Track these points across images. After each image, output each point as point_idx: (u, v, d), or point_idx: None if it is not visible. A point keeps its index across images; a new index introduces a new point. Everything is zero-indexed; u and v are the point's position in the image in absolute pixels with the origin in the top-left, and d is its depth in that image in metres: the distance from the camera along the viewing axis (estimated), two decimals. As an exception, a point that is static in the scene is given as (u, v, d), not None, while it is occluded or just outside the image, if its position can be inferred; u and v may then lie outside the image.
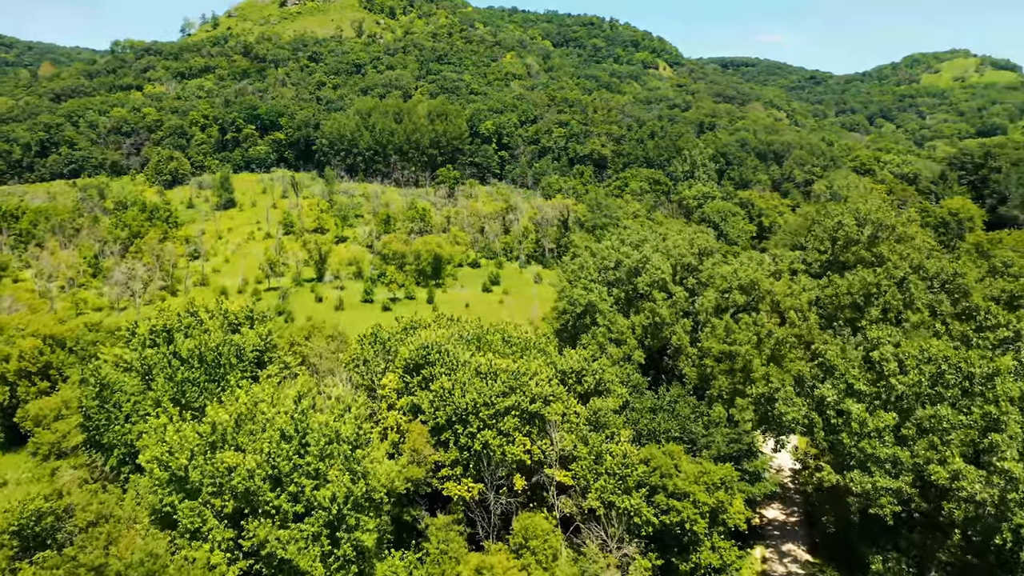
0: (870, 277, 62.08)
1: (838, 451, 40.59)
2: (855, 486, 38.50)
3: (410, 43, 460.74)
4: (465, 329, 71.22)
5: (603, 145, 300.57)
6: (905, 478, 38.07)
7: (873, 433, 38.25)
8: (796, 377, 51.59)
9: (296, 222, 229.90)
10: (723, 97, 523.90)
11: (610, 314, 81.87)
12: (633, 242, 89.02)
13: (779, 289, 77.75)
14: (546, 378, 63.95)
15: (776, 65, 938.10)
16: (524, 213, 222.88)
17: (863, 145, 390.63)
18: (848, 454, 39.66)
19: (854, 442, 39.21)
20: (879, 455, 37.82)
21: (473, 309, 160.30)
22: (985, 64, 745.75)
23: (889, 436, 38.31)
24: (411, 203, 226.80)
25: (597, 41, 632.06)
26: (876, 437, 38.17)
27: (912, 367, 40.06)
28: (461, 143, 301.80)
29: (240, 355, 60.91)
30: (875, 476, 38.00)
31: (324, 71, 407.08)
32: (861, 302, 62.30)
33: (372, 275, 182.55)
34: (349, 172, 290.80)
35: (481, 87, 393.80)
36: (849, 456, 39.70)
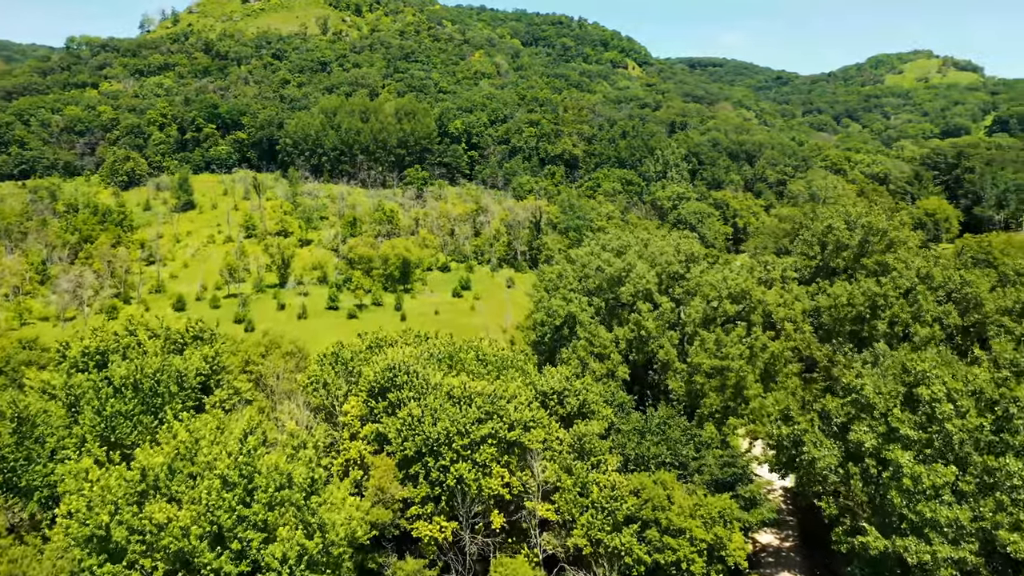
0: (876, 288, 57.35)
1: (883, 509, 35.51)
2: (910, 556, 33.27)
3: (377, 41, 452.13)
4: (436, 347, 65.10)
5: (574, 145, 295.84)
6: (969, 546, 33.03)
7: (929, 491, 33.08)
8: (821, 413, 46.37)
9: (258, 225, 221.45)
10: (692, 97, 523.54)
11: (591, 326, 76.32)
12: (614, 248, 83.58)
13: (771, 298, 72.84)
14: (525, 401, 58.15)
15: (743, 65, 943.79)
16: (495, 215, 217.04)
17: (832, 145, 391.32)
18: (899, 515, 34.38)
19: (906, 502, 33.89)
20: (939, 519, 32.46)
21: (443, 316, 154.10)
22: (947, 65, 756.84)
23: (948, 494, 33.18)
24: (378, 205, 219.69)
25: (566, 40, 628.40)
26: (934, 496, 32.99)
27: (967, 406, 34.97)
28: (430, 143, 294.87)
29: (182, 382, 54.12)
30: (934, 544, 32.72)
31: (288, 69, 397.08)
32: (867, 314, 57.54)
33: (337, 280, 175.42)
34: (314, 173, 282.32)
35: (450, 86, 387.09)
36: (900, 518, 34.40)
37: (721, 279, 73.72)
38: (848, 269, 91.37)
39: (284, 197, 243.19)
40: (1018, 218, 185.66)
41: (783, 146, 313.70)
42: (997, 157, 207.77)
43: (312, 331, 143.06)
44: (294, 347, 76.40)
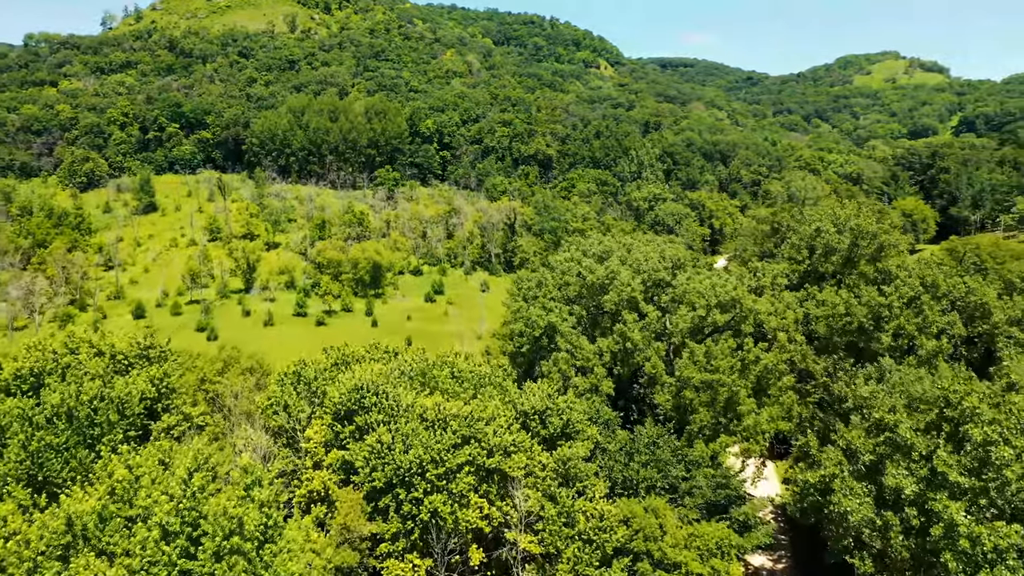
0: (879, 298, 53.68)
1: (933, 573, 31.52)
2: (973, 636, 29.65)
3: (346, 39, 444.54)
4: (407, 363, 60.20)
5: (548, 145, 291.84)
6: (1039, 622, 29.45)
7: (992, 554, 29.13)
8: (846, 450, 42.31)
9: (223, 228, 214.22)
10: (665, 97, 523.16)
11: (573, 337, 71.90)
12: (596, 254, 79.23)
13: (762, 307, 68.98)
14: (505, 423, 53.57)
15: (713, 65, 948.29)
16: (468, 216, 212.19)
17: (804, 145, 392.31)
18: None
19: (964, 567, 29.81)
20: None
21: (416, 322, 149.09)
22: (914, 66, 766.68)
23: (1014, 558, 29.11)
24: (348, 206, 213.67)
25: (538, 40, 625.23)
26: (997, 561, 29.04)
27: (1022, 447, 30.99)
28: (401, 143, 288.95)
29: (123, 409, 48.67)
30: (998, 619, 29.11)
31: (255, 67, 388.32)
32: (869, 326, 53.88)
33: (305, 285, 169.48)
34: (281, 173, 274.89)
35: (421, 85, 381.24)
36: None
37: (710, 287, 69.74)
38: (837, 274, 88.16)
39: (250, 199, 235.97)
40: (994, 218, 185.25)
41: (757, 146, 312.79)
42: (972, 157, 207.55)
43: (278, 339, 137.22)
44: (254, 362, 70.97)
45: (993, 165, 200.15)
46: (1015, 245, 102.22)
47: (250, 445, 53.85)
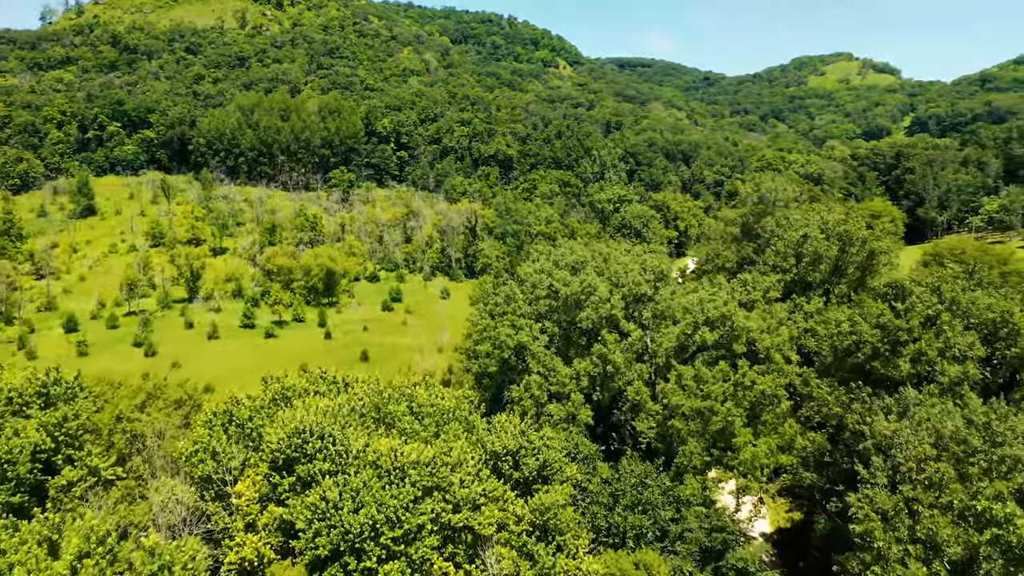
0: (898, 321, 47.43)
1: None
2: None
3: (299, 35, 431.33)
4: (358, 396, 52.09)
5: (508, 145, 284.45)
6: None
7: None
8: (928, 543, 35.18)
9: (167, 232, 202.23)
10: (624, 97, 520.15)
11: (546, 358, 64.63)
12: (569, 264, 72.04)
13: (754, 324, 62.47)
14: (473, 468, 46.03)
15: (671, 66, 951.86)
16: (427, 219, 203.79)
17: (764, 145, 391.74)
18: None
19: None
20: None
21: (372, 333, 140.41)
22: (867, 67, 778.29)
23: None
24: (300, 209, 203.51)
25: (496, 39, 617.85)
26: None
27: None
28: (356, 142, 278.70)
29: (5, 471, 39.82)
30: None
31: (203, 64, 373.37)
32: (885, 350, 47.69)
33: (254, 294, 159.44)
34: (230, 175, 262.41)
35: (377, 83, 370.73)
36: None
37: (697, 301, 63.08)
38: (825, 283, 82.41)
39: (196, 201, 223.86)
40: (961, 219, 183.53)
41: (718, 146, 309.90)
42: (936, 157, 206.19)
43: (223, 354, 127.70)
44: (183, 393, 61.96)
45: (957, 165, 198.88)
46: (999, 248, 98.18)
47: (172, 500, 45.31)
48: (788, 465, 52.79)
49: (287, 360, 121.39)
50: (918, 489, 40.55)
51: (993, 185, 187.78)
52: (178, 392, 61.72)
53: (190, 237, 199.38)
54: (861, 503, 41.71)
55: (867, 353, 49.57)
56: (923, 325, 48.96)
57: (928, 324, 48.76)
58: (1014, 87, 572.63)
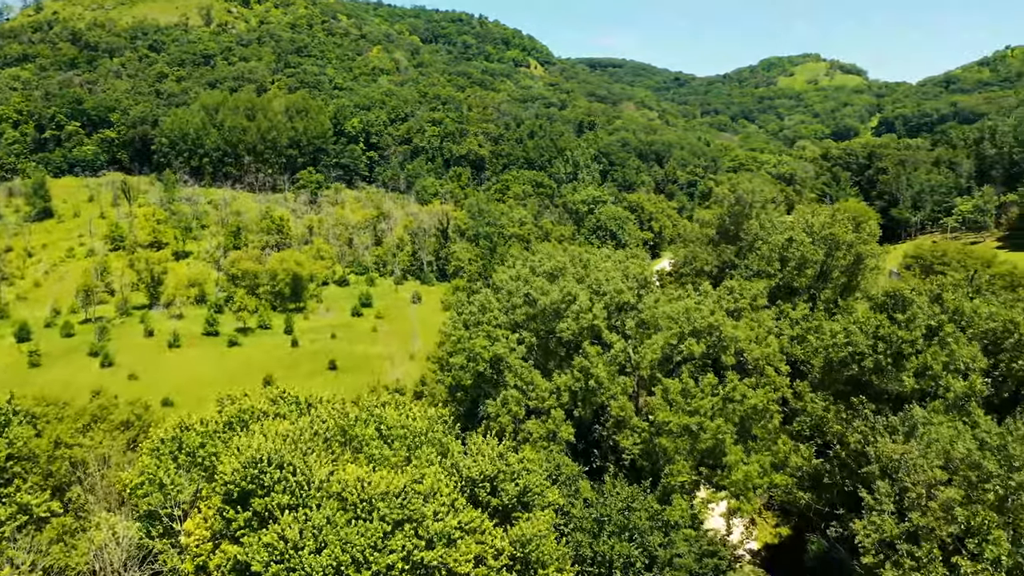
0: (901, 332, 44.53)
1: None
2: None
3: (266, 33, 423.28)
4: (322, 418, 47.91)
5: (480, 145, 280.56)
6: None
7: None
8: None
9: (127, 236, 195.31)
10: (596, 97, 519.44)
11: (524, 371, 61.01)
12: (547, 271, 68.41)
13: (742, 333, 59.40)
14: (448, 497, 42.17)
15: (641, 66, 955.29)
16: (398, 221, 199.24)
17: (736, 145, 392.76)
18: None
19: None
20: None
21: (341, 340, 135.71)
22: (834, 68, 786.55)
23: None
24: (266, 211, 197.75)
25: (467, 38, 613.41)
26: None
27: None
28: (324, 142, 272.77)
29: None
30: None
31: (167, 62, 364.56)
32: (887, 364, 44.79)
33: (218, 300, 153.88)
34: (194, 176, 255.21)
35: (346, 82, 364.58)
36: None
37: (682, 310, 59.83)
38: (810, 288, 79.82)
39: (158, 204, 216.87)
40: (935, 219, 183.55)
41: (691, 146, 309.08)
42: (908, 158, 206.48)
43: (184, 364, 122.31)
44: (132, 414, 57.25)
45: (929, 166, 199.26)
46: (981, 250, 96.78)
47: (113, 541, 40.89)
48: (784, 486, 49.67)
49: (251, 370, 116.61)
50: (928, 517, 37.60)
51: (965, 185, 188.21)
52: (126, 411, 56.92)
53: (152, 241, 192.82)
54: (868, 531, 38.64)
55: (868, 367, 46.57)
56: (925, 337, 46.15)
57: (930, 335, 45.97)
58: (978, 88, 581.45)
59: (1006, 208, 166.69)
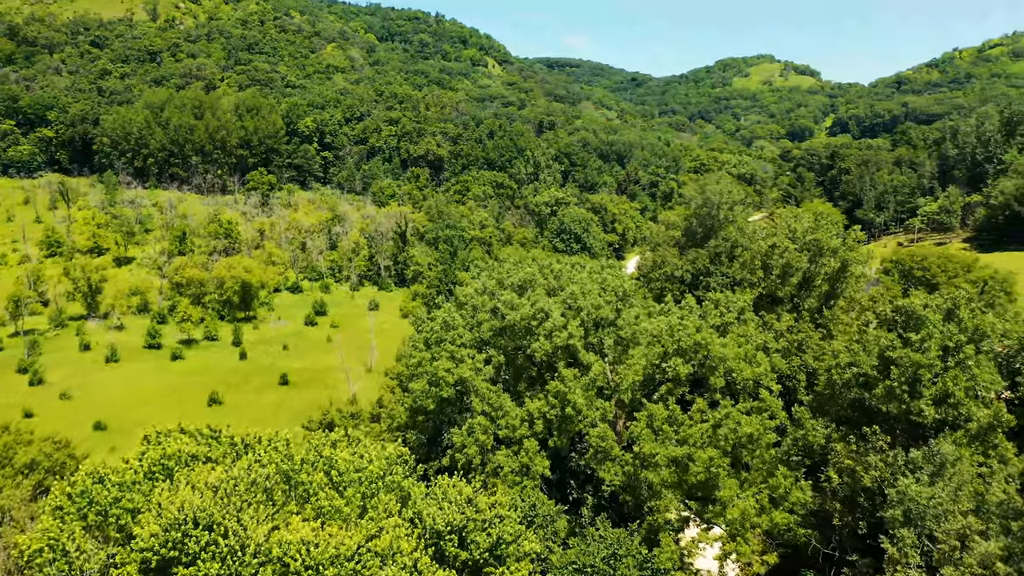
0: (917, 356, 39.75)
1: None
2: None
3: (215, 29, 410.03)
4: (262, 465, 41.28)
5: (439, 145, 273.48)
6: None
7: None
8: None
9: (65, 241, 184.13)
10: (555, 96, 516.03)
11: (492, 396, 55.19)
12: (515, 283, 62.59)
13: (731, 352, 54.28)
14: (410, 556, 36.04)
15: (598, 66, 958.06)
16: (354, 224, 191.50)
17: (696, 145, 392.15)
18: None
19: None
20: None
21: (293, 352, 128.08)
22: (788, 69, 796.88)
23: None
24: (214, 214, 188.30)
25: (424, 36, 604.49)
26: None
27: None
28: (276, 142, 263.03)
29: None
30: None
31: (110, 59, 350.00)
32: (901, 391, 40.01)
33: (161, 309, 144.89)
34: (138, 177, 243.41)
35: (299, 80, 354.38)
36: None
37: (667, 327, 54.50)
38: (794, 297, 75.36)
39: (99, 206, 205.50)
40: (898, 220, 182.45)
41: (652, 146, 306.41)
42: (871, 158, 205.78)
43: (122, 380, 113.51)
44: (41, 452, 49.63)
45: (891, 166, 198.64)
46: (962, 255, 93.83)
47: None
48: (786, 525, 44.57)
49: (195, 387, 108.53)
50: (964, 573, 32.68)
51: (928, 186, 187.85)
52: (34, 450, 49.21)
53: (92, 246, 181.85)
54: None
55: (879, 394, 41.71)
56: (940, 358, 41.49)
57: (944, 356, 41.32)
58: (928, 89, 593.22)
59: (972, 209, 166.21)
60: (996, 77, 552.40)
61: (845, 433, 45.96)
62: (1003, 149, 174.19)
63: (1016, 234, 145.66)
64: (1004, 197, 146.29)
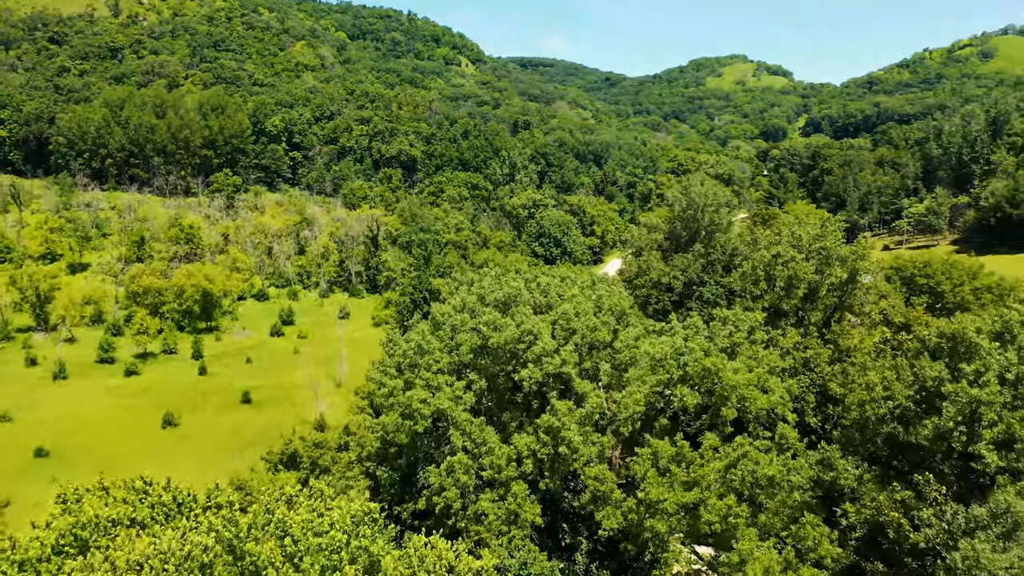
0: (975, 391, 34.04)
1: None
2: None
3: (180, 26, 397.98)
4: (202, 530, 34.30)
5: (412, 145, 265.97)
6: None
7: None
8: None
9: (14, 246, 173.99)
10: (529, 96, 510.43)
11: (474, 429, 48.63)
12: (498, 299, 55.98)
13: (742, 378, 48.12)
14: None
15: (572, 66, 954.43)
16: (323, 228, 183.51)
17: (672, 144, 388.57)
18: None
19: None
20: None
21: (257, 365, 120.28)
22: (761, 69, 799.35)
23: None
24: (175, 218, 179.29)
25: (396, 35, 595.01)
26: None
27: None
28: (243, 142, 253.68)
29: None
30: None
31: (69, 55, 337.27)
32: (959, 432, 34.23)
33: (116, 320, 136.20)
34: (96, 179, 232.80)
35: (267, 78, 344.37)
36: None
37: (670, 351, 48.27)
38: (799, 311, 69.64)
39: (53, 210, 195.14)
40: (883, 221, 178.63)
41: (630, 146, 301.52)
42: (853, 158, 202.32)
43: (71, 399, 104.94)
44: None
45: (874, 166, 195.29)
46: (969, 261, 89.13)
47: None
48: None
49: (149, 406, 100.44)
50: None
51: (912, 186, 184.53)
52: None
53: (44, 252, 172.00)
54: None
55: (927, 435, 35.87)
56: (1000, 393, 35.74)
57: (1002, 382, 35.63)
58: (899, 89, 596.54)
59: (959, 210, 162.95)
60: (966, 78, 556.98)
61: (880, 475, 40.13)
62: (990, 149, 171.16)
63: (1008, 236, 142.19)
64: (995, 198, 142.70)
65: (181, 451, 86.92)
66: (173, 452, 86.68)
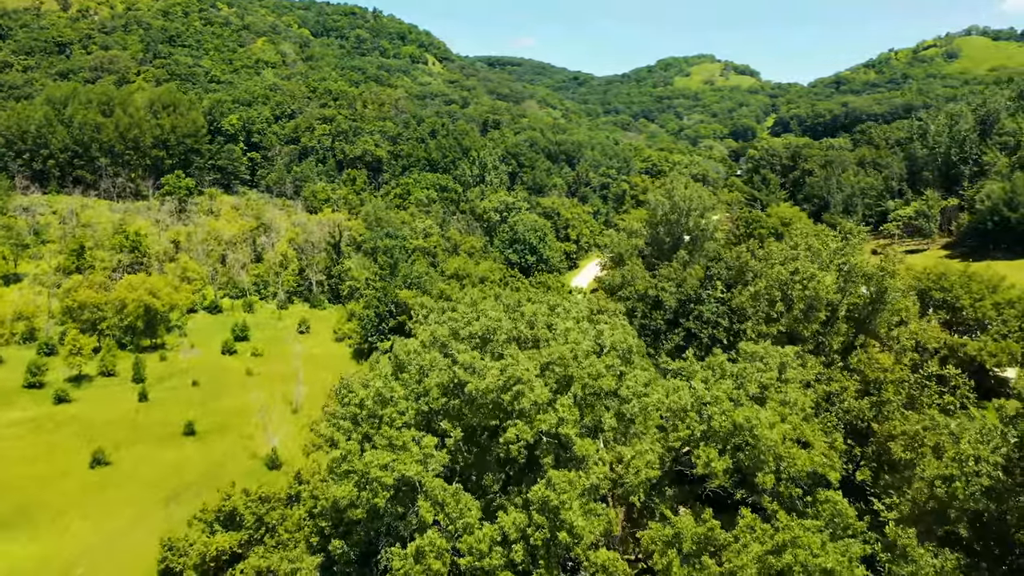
0: None
1: None
2: None
3: (133, 20, 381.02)
4: None
5: (377, 145, 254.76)
6: None
7: None
8: None
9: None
10: (498, 95, 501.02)
11: (449, 501, 39.02)
12: (476, 333, 46.37)
13: (777, 433, 39.11)
14: None
15: (540, 65, 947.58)
16: (282, 233, 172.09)
17: (643, 144, 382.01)
18: None
19: None
20: None
21: (206, 388, 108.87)
22: (728, 69, 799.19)
23: None
24: (120, 224, 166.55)
25: (361, 32, 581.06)
26: None
27: None
28: (197, 142, 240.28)
29: None
30: None
31: (12, 50, 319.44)
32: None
33: (50, 339, 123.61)
34: (38, 181, 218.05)
35: (225, 75, 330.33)
36: None
37: (693, 401, 39.13)
38: (818, 335, 61.09)
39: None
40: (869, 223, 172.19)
41: (602, 146, 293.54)
42: (835, 159, 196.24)
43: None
44: None
45: (855, 167, 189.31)
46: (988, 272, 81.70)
47: None
48: None
49: (79, 441, 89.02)
50: None
51: (897, 188, 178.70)
52: None
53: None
54: None
55: None
56: None
57: None
58: (866, 89, 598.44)
59: (951, 213, 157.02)
60: (932, 78, 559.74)
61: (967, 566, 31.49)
62: (980, 149, 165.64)
63: (1004, 241, 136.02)
64: (991, 201, 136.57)
65: (110, 497, 75.90)
66: (101, 499, 75.60)
